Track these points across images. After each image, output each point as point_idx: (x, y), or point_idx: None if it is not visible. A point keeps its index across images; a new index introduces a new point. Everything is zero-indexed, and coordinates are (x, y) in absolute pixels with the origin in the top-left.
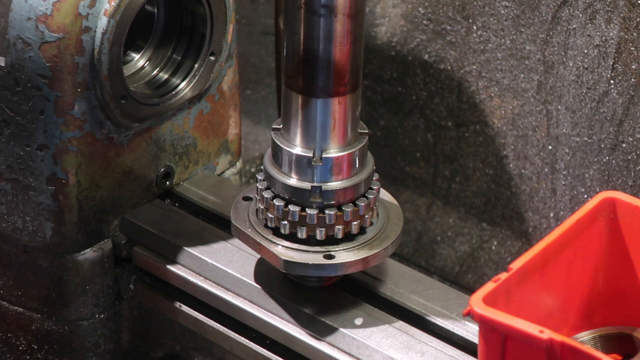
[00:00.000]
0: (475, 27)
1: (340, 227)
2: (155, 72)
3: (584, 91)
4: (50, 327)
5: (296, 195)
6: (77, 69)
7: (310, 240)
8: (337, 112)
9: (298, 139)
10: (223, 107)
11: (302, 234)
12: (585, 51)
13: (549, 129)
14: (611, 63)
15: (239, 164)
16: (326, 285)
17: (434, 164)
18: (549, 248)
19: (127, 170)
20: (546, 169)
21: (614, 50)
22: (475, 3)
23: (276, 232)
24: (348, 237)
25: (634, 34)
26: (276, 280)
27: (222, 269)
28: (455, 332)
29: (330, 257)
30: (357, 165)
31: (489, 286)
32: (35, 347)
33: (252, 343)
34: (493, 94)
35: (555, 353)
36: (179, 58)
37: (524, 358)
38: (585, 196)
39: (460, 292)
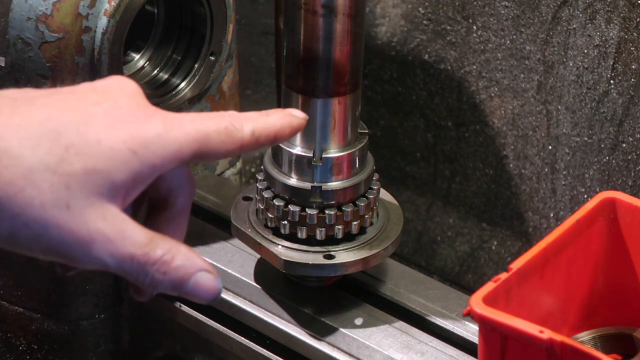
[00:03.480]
0: (475, 27)
1: (340, 227)
2: (155, 72)
3: (584, 91)
4: (50, 327)
5: (296, 195)
6: (77, 69)
7: (311, 240)
8: (337, 112)
9: (298, 139)
10: (223, 107)
11: (302, 234)
12: (585, 51)
13: (549, 129)
14: (611, 63)
15: (239, 164)
16: (326, 285)
17: (434, 164)
18: (549, 248)
19: None
20: (546, 169)
21: (614, 50)
22: (475, 3)
23: (276, 232)
24: (348, 237)
25: (634, 34)
26: (276, 280)
27: (222, 269)
28: (455, 332)
29: (330, 257)
30: (357, 165)
31: (489, 286)
32: (35, 347)
33: (252, 343)
34: (493, 94)
35: (555, 353)
36: (179, 58)
37: (524, 358)
38: (585, 196)
39: (460, 292)
